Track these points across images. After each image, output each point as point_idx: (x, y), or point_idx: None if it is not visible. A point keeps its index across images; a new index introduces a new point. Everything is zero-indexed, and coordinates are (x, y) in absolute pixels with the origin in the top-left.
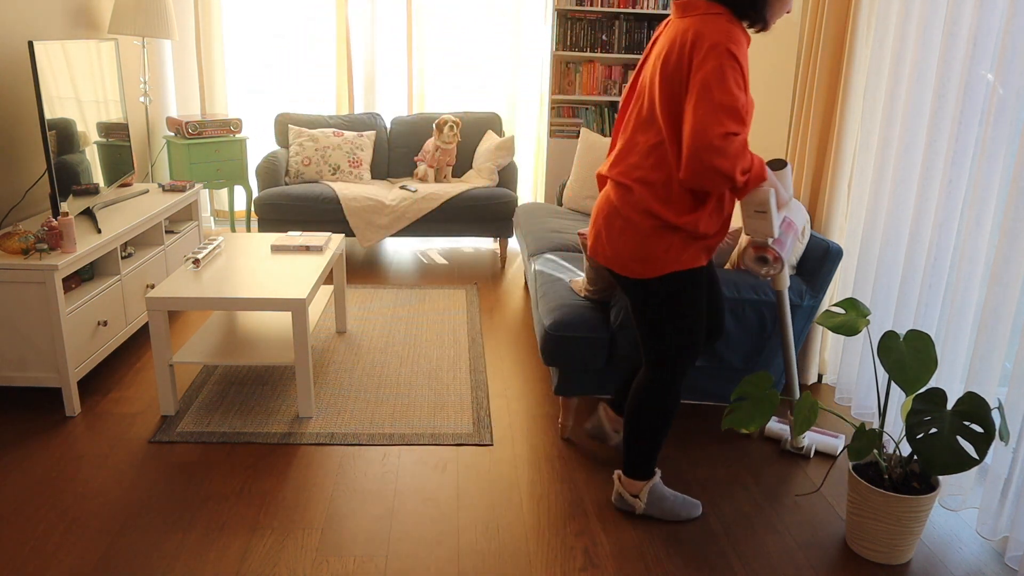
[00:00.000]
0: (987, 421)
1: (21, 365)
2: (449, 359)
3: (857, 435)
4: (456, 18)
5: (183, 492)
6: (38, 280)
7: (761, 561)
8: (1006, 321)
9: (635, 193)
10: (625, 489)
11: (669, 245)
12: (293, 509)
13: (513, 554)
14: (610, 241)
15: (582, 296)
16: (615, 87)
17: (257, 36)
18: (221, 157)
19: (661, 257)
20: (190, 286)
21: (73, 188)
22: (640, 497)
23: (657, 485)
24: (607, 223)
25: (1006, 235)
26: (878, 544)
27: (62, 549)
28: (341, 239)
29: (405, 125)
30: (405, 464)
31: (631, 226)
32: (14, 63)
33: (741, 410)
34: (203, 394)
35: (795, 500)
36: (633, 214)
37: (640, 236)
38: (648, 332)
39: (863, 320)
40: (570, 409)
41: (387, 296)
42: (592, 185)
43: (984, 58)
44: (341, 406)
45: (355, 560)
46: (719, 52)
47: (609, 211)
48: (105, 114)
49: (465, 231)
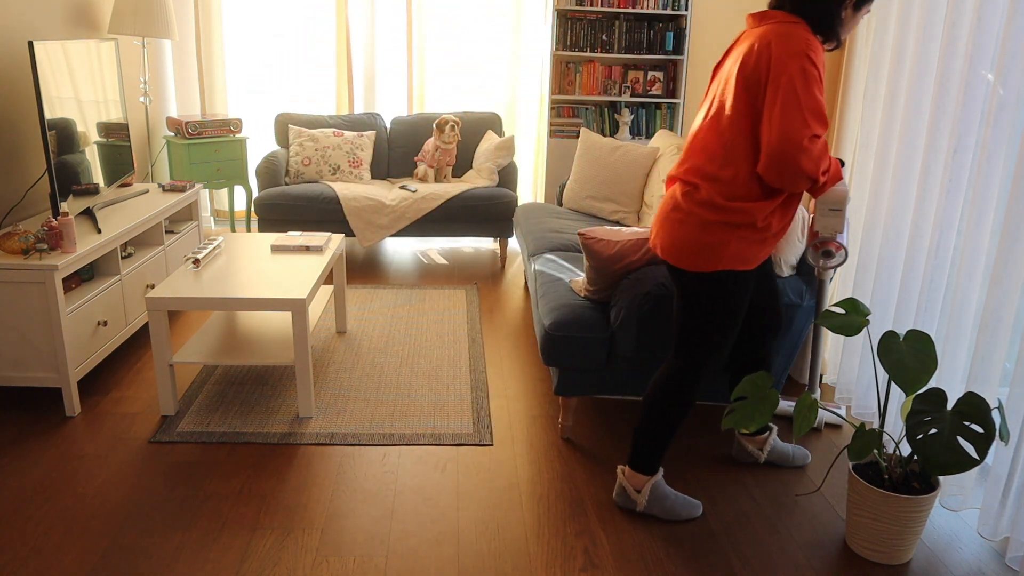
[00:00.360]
0: (987, 421)
1: (21, 365)
2: (449, 359)
3: (857, 435)
4: (456, 18)
5: (183, 492)
6: (38, 280)
7: (761, 561)
8: (1007, 322)
9: (702, 190)
10: (628, 483)
11: (726, 243)
12: (293, 509)
13: (513, 554)
14: (669, 233)
15: (582, 296)
16: (615, 87)
17: (257, 36)
18: (221, 157)
19: (716, 253)
20: (190, 286)
21: (73, 188)
22: (642, 493)
23: (659, 483)
24: (668, 217)
25: (1007, 236)
26: (878, 544)
27: (62, 549)
28: (341, 239)
29: (405, 125)
30: (405, 464)
31: (692, 219)
32: (14, 63)
33: (741, 410)
34: (203, 394)
35: (795, 500)
36: (696, 209)
37: (699, 230)
38: (685, 325)
39: (863, 320)
40: (570, 409)
41: (387, 296)
42: (592, 185)
43: (984, 58)
44: (341, 406)
45: (355, 560)
46: (801, 57)
47: (672, 206)
48: (105, 114)
49: (465, 231)
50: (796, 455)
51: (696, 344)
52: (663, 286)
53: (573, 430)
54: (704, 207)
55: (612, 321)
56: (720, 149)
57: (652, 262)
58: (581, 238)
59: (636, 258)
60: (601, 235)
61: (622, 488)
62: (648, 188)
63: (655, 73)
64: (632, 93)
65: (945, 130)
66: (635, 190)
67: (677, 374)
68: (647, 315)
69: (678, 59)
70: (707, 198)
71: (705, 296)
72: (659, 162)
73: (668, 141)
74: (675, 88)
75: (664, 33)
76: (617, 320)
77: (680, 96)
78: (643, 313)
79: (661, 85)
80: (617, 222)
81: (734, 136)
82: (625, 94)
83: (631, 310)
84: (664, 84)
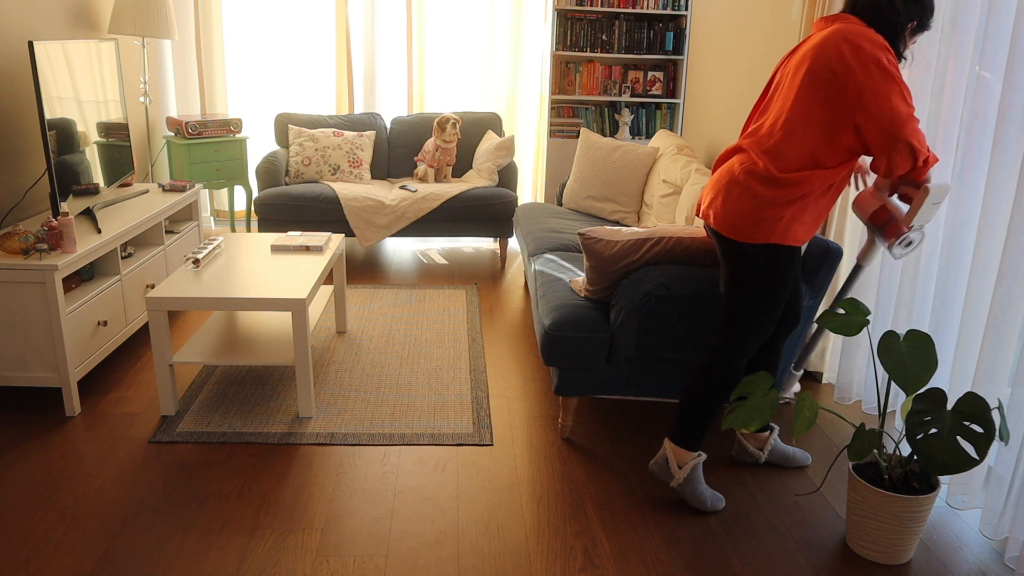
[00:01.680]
0: (987, 421)
1: (21, 365)
2: (449, 359)
3: (857, 435)
4: (456, 18)
5: (183, 492)
6: (38, 280)
7: (761, 561)
8: (1011, 322)
9: (760, 166)
10: (673, 456)
11: (779, 217)
12: (293, 509)
13: (513, 554)
14: (725, 204)
15: (582, 296)
16: (615, 87)
17: (257, 36)
18: (221, 157)
19: (770, 226)
20: (190, 286)
21: (73, 188)
22: (683, 470)
23: (700, 465)
24: (726, 189)
25: (1012, 235)
26: (878, 544)
27: (62, 549)
28: (341, 239)
29: (405, 125)
30: (405, 464)
31: (749, 193)
32: (14, 63)
33: (741, 410)
34: (203, 394)
35: (795, 500)
36: (754, 183)
37: (756, 203)
38: (733, 300)
39: (863, 320)
40: (570, 409)
41: (387, 296)
42: (592, 185)
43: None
44: (341, 406)
45: (355, 560)
46: (883, 48)
47: (730, 179)
48: (105, 114)
49: (465, 231)
50: (797, 455)
51: (742, 318)
52: (663, 286)
53: (573, 430)
54: (762, 182)
55: (612, 321)
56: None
57: (652, 262)
58: (581, 238)
59: (636, 258)
60: (601, 235)
61: (664, 459)
62: (648, 188)
63: (655, 73)
64: (632, 93)
65: (947, 129)
66: (635, 190)
67: (722, 350)
68: (647, 315)
69: (678, 59)
70: (765, 172)
71: (755, 268)
72: (659, 162)
73: (668, 141)
74: (675, 88)
75: (664, 33)
76: (617, 320)
77: (680, 96)
78: (643, 313)
79: (661, 85)
80: (617, 222)
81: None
82: (625, 94)
83: (631, 310)
84: (664, 84)
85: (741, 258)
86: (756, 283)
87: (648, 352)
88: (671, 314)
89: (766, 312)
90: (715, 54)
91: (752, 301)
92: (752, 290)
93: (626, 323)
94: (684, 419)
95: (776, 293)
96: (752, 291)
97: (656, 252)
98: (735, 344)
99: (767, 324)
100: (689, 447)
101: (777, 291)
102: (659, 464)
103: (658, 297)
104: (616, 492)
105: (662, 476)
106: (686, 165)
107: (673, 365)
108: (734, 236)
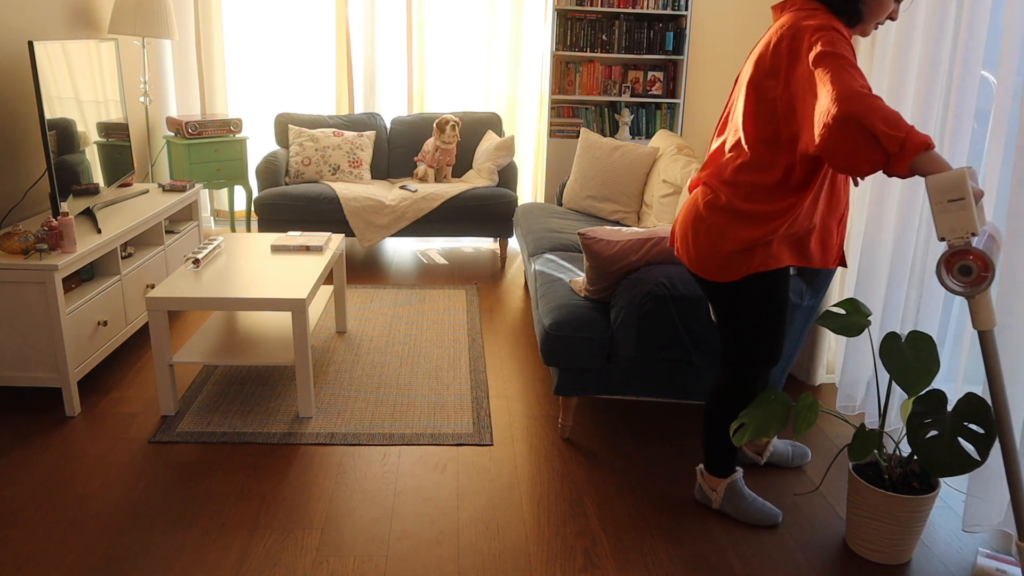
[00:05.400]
0: (987, 422)
1: (21, 365)
2: (449, 359)
3: (857, 435)
4: (456, 18)
5: (183, 492)
6: (38, 280)
7: (761, 561)
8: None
9: (721, 198)
10: (705, 482)
11: (751, 249)
12: (293, 509)
13: (513, 554)
14: (696, 246)
15: (582, 296)
16: (615, 87)
17: (257, 36)
18: (221, 157)
19: (743, 260)
20: (190, 286)
21: (73, 188)
22: (717, 492)
23: (736, 483)
24: (693, 227)
25: (1011, 235)
26: (878, 544)
27: (62, 549)
28: (341, 239)
29: (405, 125)
30: (405, 464)
31: (714, 230)
32: (14, 63)
33: (751, 422)
34: (203, 394)
35: (795, 500)
36: (717, 218)
37: (721, 240)
38: (727, 335)
39: (864, 321)
40: (570, 409)
41: (387, 296)
42: (592, 185)
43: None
44: (341, 406)
45: (355, 560)
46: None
47: (696, 216)
48: (105, 114)
49: (465, 231)
50: (795, 455)
51: (742, 350)
52: (663, 286)
53: (573, 430)
54: (724, 215)
55: (612, 321)
56: (737, 153)
57: (652, 262)
58: (581, 238)
59: (636, 258)
60: (601, 235)
61: (700, 486)
62: (648, 188)
63: (655, 73)
64: (632, 93)
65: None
66: (635, 190)
67: (730, 386)
68: (647, 315)
69: (678, 59)
70: (728, 205)
71: (741, 304)
72: (659, 162)
73: (668, 141)
74: (675, 88)
75: (664, 33)
76: (617, 320)
77: (680, 96)
78: (643, 313)
79: (661, 85)
80: (617, 222)
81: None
82: (625, 94)
83: (631, 310)
84: (664, 84)
85: (723, 296)
86: (747, 317)
87: (648, 352)
88: (671, 314)
89: (766, 339)
90: (715, 54)
91: (748, 334)
92: (745, 323)
93: (626, 323)
94: (709, 449)
95: (773, 319)
96: (745, 324)
97: (656, 252)
98: (742, 373)
99: (774, 348)
100: (720, 475)
101: (774, 318)
102: (699, 491)
103: (658, 297)
104: (616, 492)
105: (704, 501)
106: (686, 165)
107: (673, 365)
108: (710, 277)
